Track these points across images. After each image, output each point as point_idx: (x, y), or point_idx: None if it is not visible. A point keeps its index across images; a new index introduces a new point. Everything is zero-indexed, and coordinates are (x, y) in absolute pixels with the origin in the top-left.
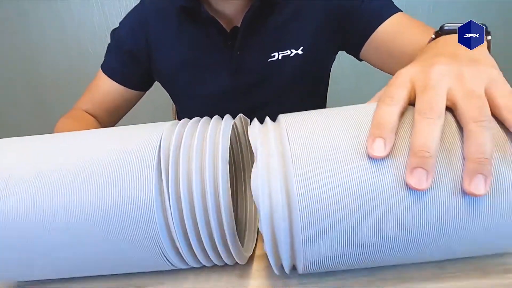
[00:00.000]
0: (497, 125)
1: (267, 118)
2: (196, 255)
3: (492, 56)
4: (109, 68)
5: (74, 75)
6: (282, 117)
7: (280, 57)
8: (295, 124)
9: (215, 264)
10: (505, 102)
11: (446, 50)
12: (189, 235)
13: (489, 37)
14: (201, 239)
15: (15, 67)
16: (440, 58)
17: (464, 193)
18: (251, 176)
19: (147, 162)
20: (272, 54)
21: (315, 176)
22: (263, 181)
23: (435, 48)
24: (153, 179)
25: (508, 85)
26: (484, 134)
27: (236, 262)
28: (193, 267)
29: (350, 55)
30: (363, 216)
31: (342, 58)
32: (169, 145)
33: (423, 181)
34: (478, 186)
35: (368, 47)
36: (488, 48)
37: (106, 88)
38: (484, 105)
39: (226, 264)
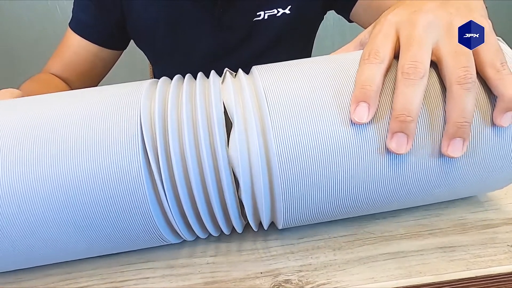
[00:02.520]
0: (479, 84)
1: (240, 71)
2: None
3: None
4: (78, 25)
5: (40, 36)
6: (255, 69)
7: (266, 17)
8: (271, 76)
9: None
10: (491, 59)
11: None
12: (181, 197)
13: None
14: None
15: None
16: (429, 3)
17: (442, 154)
18: (231, 134)
19: (131, 129)
20: (258, 13)
21: (293, 129)
22: (241, 139)
23: None
24: (138, 143)
25: (497, 41)
26: (468, 98)
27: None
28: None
29: (335, 14)
30: (340, 170)
31: (328, 16)
32: (153, 107)
33: (403, 146)
34: (456, 149)
35: (359, 7)
36: None
37: (76, 48)
38: (470, 64)
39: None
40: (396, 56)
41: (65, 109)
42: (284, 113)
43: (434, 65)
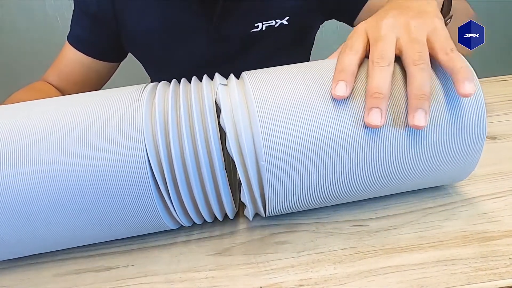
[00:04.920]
0: (433, 72)
1: (231, 75)
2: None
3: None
4: (74, 38)
5: (40, 47)
6: (245, 73)
7: (264, 28)
8: (258, 76)
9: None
10: (441, 45)
11: (399, 4)
12: (179, 183)
13: None
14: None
15: None
16: (391, 12)
17: (409, 127)
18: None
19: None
20: (256, 24)
21: (279, 120)
22: (230, 132)
23: (390, 4)
24: (143, 133)
25: (447, 32)
26: (422, 75)
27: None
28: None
29: (333, 21)
30: (323, 156)
31: (325, 24)
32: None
33: (378, 119)
34: (420, 119)
35: (363, 13)
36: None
37: (72, 59)
38: (424, 50)
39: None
40: (367, 54)
41: (74, 112)
42: (271, 112)
43: (398, 58)
